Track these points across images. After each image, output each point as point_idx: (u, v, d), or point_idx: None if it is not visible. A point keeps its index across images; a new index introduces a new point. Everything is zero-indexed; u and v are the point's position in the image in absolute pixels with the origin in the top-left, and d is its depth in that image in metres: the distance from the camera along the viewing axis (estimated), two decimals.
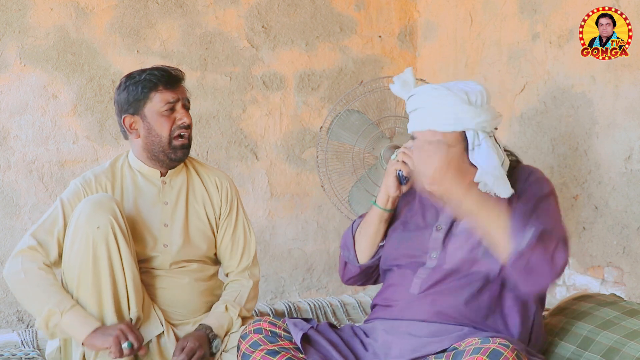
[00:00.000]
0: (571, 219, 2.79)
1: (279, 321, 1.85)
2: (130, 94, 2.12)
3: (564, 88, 2.79)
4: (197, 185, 2.25)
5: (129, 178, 2.18)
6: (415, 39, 3.73)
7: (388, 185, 1.95)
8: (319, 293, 3.57)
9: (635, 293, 2.55)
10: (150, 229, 2.16)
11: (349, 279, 2.13)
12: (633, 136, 2.52)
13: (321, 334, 1.83)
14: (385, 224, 2.01)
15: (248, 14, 3.43)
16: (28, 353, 2.33)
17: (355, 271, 2.09)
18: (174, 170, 2.21)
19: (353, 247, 2.06)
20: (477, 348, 1.56)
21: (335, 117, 2.64)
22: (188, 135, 2.17)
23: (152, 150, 2.15)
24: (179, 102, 2.14)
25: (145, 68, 2.17)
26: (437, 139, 1.81)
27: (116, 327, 1.95)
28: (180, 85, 2.17)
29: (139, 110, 2.12)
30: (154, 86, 2.11)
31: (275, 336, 1.80)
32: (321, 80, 3.56)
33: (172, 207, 2.20)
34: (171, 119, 2.13)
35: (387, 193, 1.96)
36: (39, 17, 3.09)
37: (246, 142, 3.45)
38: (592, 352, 1.90)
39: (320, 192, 3.42)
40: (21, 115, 3.10)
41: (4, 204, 3.07)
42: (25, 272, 1.98)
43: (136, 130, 2.15)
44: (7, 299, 3.08)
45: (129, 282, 2.01)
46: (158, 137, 2.13)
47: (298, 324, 1.83)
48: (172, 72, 2.14)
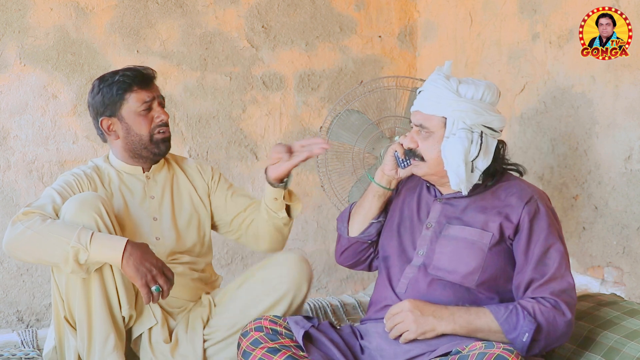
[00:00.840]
0: (571, 219, 2.79)
1: (280, 319, 1.86)
2: (105, 97, 2.14)
3: (564, 88, 2.79)
4: (181, 178, 2.29)
5: (114, 176, 2.21)
6: (415, 39, 3.73)
7: (385, 163, 2.02)
8: (319, 293, 3.57)
9: (635, 293, 2.55)
10: (141, 224, 2.18)
11: (341, 254, 2.15)
12: (633, 136, 2.52)
13: (322, 333, 1.84)
14: (378, 201, 2.05)
15: (248, 14, 3.42)
16: (28, 353, 2.33)
17: (345, 244, 2.12)
18: (156, 165, 2.25)
19: (347, 220, 2.11)
20: (482, 353, 1.57)
21: (335, 117, 2.64)
22: (167, 130, 2.21)
23: (133, 149, 2.18)
24: (154, 100, 2.17)
25: (116, 70, 2.20)
26: (420, 122, 1.89)
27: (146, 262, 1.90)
28: (154, 83, 2.20)
29: (116, 112, 2.15)
30: (128, 87, 2.13)
31: (276, 334, 1.81)
32: (321, 80, 3.56)
33: (159, 200, 2.23)
34: (149, 117, 2.16)
35: (382, 171, 2.04)
36: (38, 17, 3.09)
37: (246, 142, 3.45)
38: (592, 352, 1.90)
39: (320, 192, 3.42)
40: (21, 115, 3.09)
41: (4, 204, 3.07)
42: (30, 227, 1.90)
43: (114, 132, 2.17)
44: (7, 299, 3.08)
45: (118, 280, 2.01)
46: (138, 137, 2.16)
47: (299, 322, 1.84)
48: (144, 72, 2.17)
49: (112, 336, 2.01)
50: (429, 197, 2.00)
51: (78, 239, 1.87)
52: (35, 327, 2.99)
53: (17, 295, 3.10)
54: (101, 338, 2.00)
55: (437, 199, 1.96)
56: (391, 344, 1.81)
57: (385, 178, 2.03)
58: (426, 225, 1.93)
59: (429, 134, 1.89)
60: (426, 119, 1.89)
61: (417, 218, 1.98)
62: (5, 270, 3.08)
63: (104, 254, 1.89)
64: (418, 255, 1.91)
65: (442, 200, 1.95)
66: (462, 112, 1.84)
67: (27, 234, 1.90)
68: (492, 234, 1.82)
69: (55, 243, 1.88)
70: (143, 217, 2.19)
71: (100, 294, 1.98)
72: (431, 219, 1.94)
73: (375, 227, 2.06)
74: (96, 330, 2.00)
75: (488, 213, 1.86)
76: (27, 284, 3.11)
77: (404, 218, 2.01)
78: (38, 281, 3.12)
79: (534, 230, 1.81)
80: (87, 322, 2.00)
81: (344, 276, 3.65)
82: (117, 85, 2.13)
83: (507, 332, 1.71)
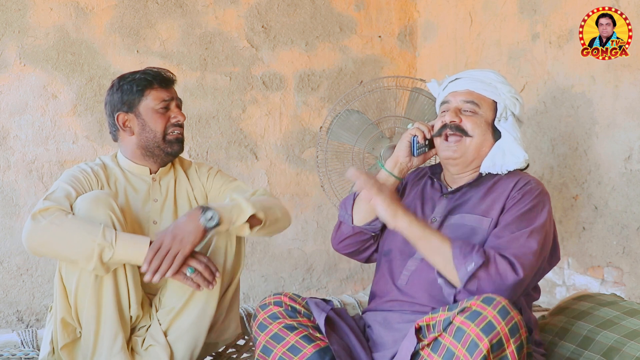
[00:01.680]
0: (571, 219, 2.79)
1: (299, 298, 1.86)
2: (125, 93, 2.15)
3: (564, 88, 2.79)
4: (183, 182, 2.28)
5: (120, 175, 2.20)
6: (415, 39, 3.73)
7: (400, 149, 2.00)
8: (318, 293, 3.57)
9: (635, 293, 2.55)
10: (141, 227, 2.17)
11: (341, 242, 2.09)
12: (633, 136, 2.52)
13: (342, 318, 1.85)
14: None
15: (248, 14, 3.43)
16: (28, 353, 2.33)
17: (347, 232, 2.06)
18: (164, 169, 2.24)
19: (351, 207, 2.06)
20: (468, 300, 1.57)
21: (335, 117, 2.64)
22: (181, 133, 2.21)
23: (146, 146, 2.17)
24: (173, 101, 2.18)
25: (137, 70, 2.20)
26: (470, 99, 1.93)
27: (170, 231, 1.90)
28: (173, 86, 2.22)
29: (134, 108, 2.15)
30: (148, 84, 2.14)
31: (295, 312, 1.82)
32: (321, 80, 3.56)
33: (161, 204, 2.22)
34: (166, 116, 2.16)
35: (397, 158, 2.00)
36: (38, 17, 3.09)
37: (246, 142, 3.45)
38: (592, 352, 1.90)
39: (320, 192, 3.42)
40: (21, 115, 3.09)
41: (4, 204, 3.07)
42: (53, 222, 1.88)
43: (130, 127, 2.17)
44: (7, 299, 3.08)
45: (129, 279, 2.01)
46: (152, 133, 2.15)
47: (320, 304, 1.85)
48: (164, 74, 2.19)
49: (120, 336, 2.00)
50: (434, 192, 2.00)
51: (104, 236, 1.87)
52: (35, 327, 2.99)
53: (17, 295, 3.10)
54: (110, 338, 2.00)
55: (443, 195, 1.96)
56: (389, 332, 1.82)
57: (398, 166, 2.01)
58: (431, 220, 1.94)
59: (473, 113, 1.92)
60: (478, 98, 1.93)
61: (422, 213, 1.98)
62: (5, 270, 3.08)
63: (128, 253, 1.90)
64: None
65: (448, 196, 1.95)
66: (510, 100, 1.93)
67: (50, 229, 1.88)
68: (492, 219, 1.84)
69: (80, 240, 1.87)
70: (143, 220, 2.18)
71: (112, 294, 1.98)
72: (436, 214, 1.94)
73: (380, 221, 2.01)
74: (105, 330, 1.99)
75: (489, 201, 1.88)
76: (27, 284, 3.11)
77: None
78: (38, 281, 3.12)
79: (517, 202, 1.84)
80: (95, 321, 1.99)
81: (344, 276, 3.65)
82: (137, 82, 2.14)
83: (455, 256, 1.71)
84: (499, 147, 1.91)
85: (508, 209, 1.83)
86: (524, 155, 1.89)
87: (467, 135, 1.91)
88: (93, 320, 1.99)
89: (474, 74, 1.98)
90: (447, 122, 1.92)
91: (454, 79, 2.00)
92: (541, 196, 1.86)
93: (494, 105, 1.94)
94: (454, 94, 1.97)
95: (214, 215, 1.93)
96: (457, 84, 1.99)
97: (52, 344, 2.06)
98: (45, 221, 1.89)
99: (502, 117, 1.92)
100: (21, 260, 3.07)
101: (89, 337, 2.00)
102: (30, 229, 1.90)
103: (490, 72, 1.98)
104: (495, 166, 1.90)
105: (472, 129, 1.91)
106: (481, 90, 1.94)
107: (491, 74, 1.97)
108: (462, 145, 1.92)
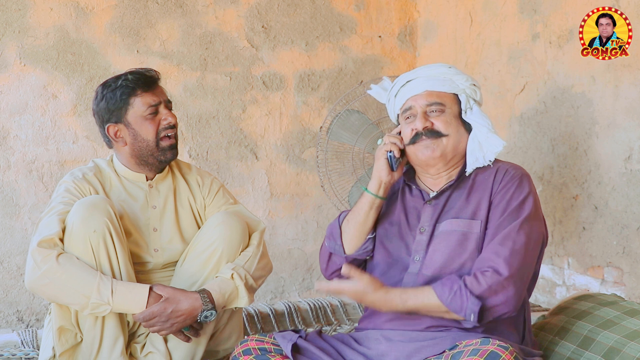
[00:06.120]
0: (571, 219, 2.79)
1: (266, 337, 1.84)
2: (110, 103, 2.08)
3: (564, 88, 2.79)
4: (183, 188, 2.23)
5: (116, 181, 2.16)
6: (415, 39, 3.73)
7: (379, 169, 1.93)
8: (318, 293, 3.57)
9: (635, 293, 2.55)
10: (141, 234, 2.13)
11: (333, 273, 2.03)
12: (633, 136, 2.52)
13: (310, 342, 1.81)
14: (375, 212, 1.95)
15: (248, 14, 3.43)
16: (28, 353, 2.33)
17: (340, 263, 1.98)
18: (161, 174, 2.19)
19: (340, 237, 1.98)
20: (476, 349, 1.57)
21: (335, 117, 2.64)
22: (174, 135, 2.15)
23: (140, 155, 2.12)
24: (161, 104, 2.12)
25: (119, 74, 2.13)
26: (433, 100, 1.91)
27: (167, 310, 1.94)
28: (158, 86, 2.14)
29: (122, 118, 2.09)
30: (132, 91, 2.07)
31: (265, 353, 1.78)
32: (321, 80, 3.57)
33: (161, 211, 2.18)
34: (155, 121, 2.10)
35: (380, 178, 1.93)
36: (38, 17, 3.09)
37: (246, 142, 3.45)
38: (592, 352, 1.90)
39: (320, 192, 3.42)
40: (21, 115, 3.10)
41: (4, 204, 3.07)
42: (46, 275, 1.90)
43: (122, 138, 2.11)
44: (7, 299, 3.08)
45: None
46: (145, 142, 2.10)
47: (286, 335, 1.82)
48: (147, 74, 2.11)
49: (120, 340, 2.00)
50: (415, 200, 1.96)
51: (99, 294, 1.90)
52: (35, 327, 2.99)
53: (17, 295, 3.10)
54: (110, 342, 2.00)
55: (426, 202, 1.92)
56: (394, 345, 1.80)
57: (383, 186, 1.93)
58: (419, 230, 1.90)
59: (441, 112, 1.90)
60: (440, 96, 1.92)
61: (407, 223, 1.94)
62: (5, 270, 3.08)
63: (126, 307, 1.94)
64: (414, 261, 1.87)
65: (432, 202, 1.92)
66: (470, 89, 1.93)
67: (44, 283, 1.91)
68: (481, 221, 1.83)
69: (74, 296, 1.91)
70: (143, 227, 2.14)
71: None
72: (423, 223, 1.90)
73: (371, 242, 1.97)
74: (107, 334, 2.00)
75: (474, 201, 1.87)
76: None
77: (393, 224, 1.96)
78: None
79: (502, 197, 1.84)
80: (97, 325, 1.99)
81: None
82: (120, 90, 2.07)
83: (456, 312, 1.73)
84: (474, 140, 1.90)
85: (495, 206, 1.83)
86: (502, 142, 1.88)
87: (443, 135, 1.89)
88: (94, 324, 1.99)
89: (426, 71, 1.95)
90: (420, 130, 1.89)
91: (405, 82, 1.96)
92: (523, 183, 1.86)
93: (456, 98, 1.93)
94: (414, 98, 1.93)
95: (212, 315, 1.99)
96: (413, 86, 1.94)
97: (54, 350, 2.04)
98: (39, 272, 1.92)
99: (467, 109, 1.92)
100: (21, 260, 3.07)
101: (91, 342, 2.01)
102: (28, 272, 1.95)
103: (442, 66, 1.95)
104: (478, 160, 1.89)
105: (446, 128, 1.90)
106: (440, 87, 1.92)
107: (443, 68, 1.94)
108: (440, 144, 1.89)
